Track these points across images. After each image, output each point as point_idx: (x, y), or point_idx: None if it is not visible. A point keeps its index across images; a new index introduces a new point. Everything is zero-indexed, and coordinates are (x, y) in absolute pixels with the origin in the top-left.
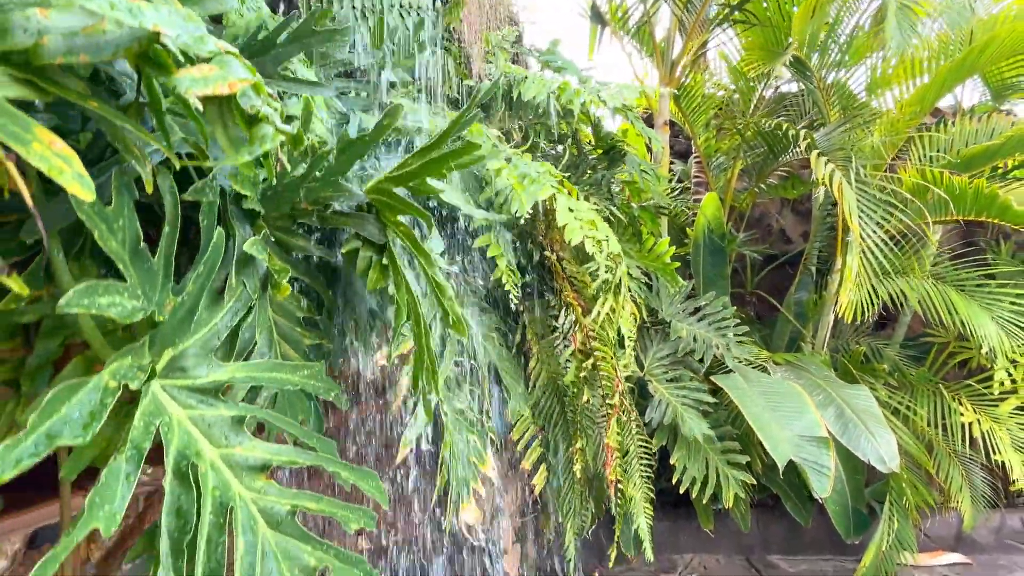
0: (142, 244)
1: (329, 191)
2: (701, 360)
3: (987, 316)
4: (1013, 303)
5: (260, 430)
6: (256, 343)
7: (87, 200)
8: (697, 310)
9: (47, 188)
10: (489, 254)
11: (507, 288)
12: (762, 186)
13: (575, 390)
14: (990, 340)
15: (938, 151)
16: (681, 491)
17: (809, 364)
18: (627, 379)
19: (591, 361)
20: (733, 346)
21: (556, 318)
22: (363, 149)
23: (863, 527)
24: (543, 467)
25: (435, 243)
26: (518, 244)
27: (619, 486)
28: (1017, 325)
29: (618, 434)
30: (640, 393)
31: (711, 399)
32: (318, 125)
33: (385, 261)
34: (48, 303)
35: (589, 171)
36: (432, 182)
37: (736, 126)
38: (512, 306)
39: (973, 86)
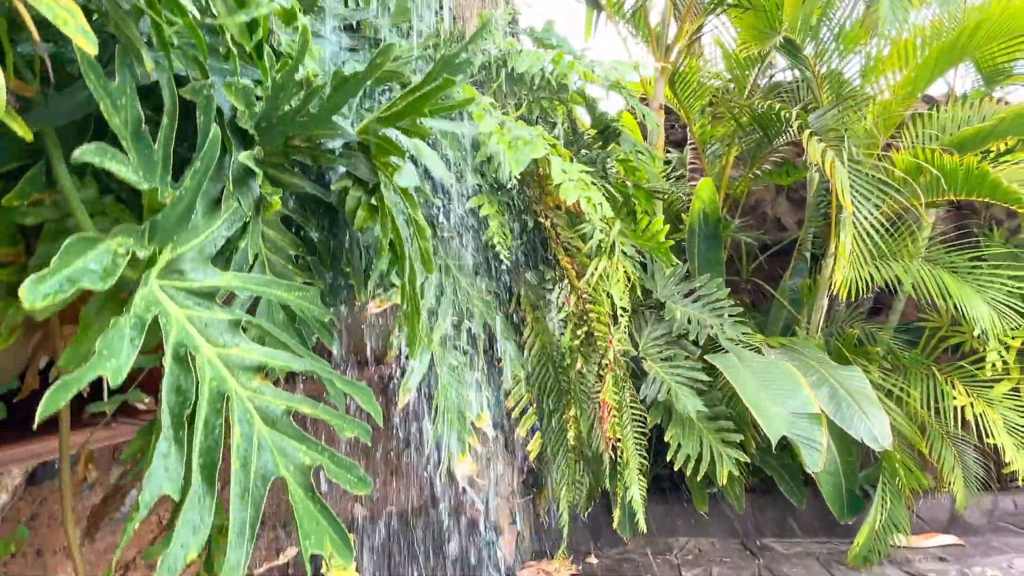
0: (143, 127)
1: (321, 128)
2: (696, 342)
3: (980, 298)
4: (1004, 285)
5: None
6: (252, 267)
7: (90, 52)
8: (692, 292)
9: (53, 83)
10: (481, 213)
11: (498, 249)
12: (757, 172)
13: (570, 360)
14: (983, 322)
15: (930, 137)
16: (676, 468)
17: (803, 347)
18: (623, 356)
19: (585, 328)
20: (727, 326)
21: (550, 291)
22: (356, 87)
23: (856, 508)
24: (537, 435)
25: (407, 177)
26: (511, 206)
27: (616, 444)
28: (1009, 306)
29: (614, 392)
30: (635, 372)
31: (705, 377)
32: (312, 64)
33: (374, 202)
34: (50, 207)
35: (584, 150)
36: (422, 122)
37: (731, 110)
38: (506, 278)
39: (966, 73)
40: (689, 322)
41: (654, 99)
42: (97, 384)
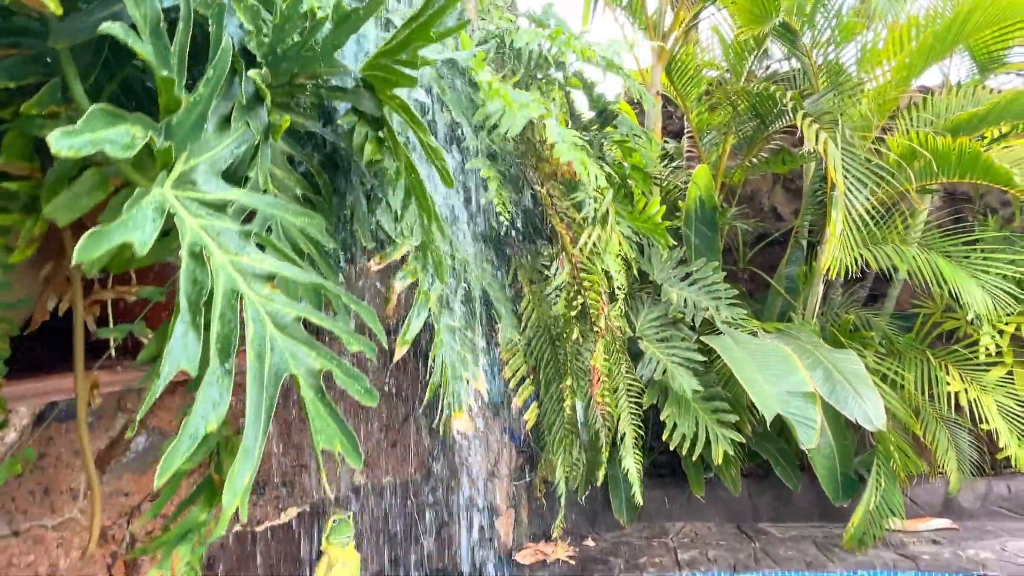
0: (162, 25)
1: (325, 66)
2: (692, 326)
3: (974, 282)
4: (999, 269)
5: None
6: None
7: None
8: (688, 275)
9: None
10: (482, 174)
11: (498, 209)
12: (753, 160)
13: (566, 332)
14: (976, 306)
15: (925, 123)
16: (672, 447)
17: (799, 332)
18: (620, 334)
19: (580, 300)
20: (723, 308)
21: (547, 267)
22: (358, 23)
23: (851, 491)
24: (534, 404)
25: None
26: (508, 175)
27: (606, 411)
28: (1003, 290)
29: (605, 358)
30: (632, 354)
31: (701, 357)
32: None
33: (382, 135)
34: (64, 121)
35: (581, 130)
36: (423, 53)
37: (728, 96)
38: (505, 252)
39: (961, 62)
40: (685, 304)
41: (651, 86)
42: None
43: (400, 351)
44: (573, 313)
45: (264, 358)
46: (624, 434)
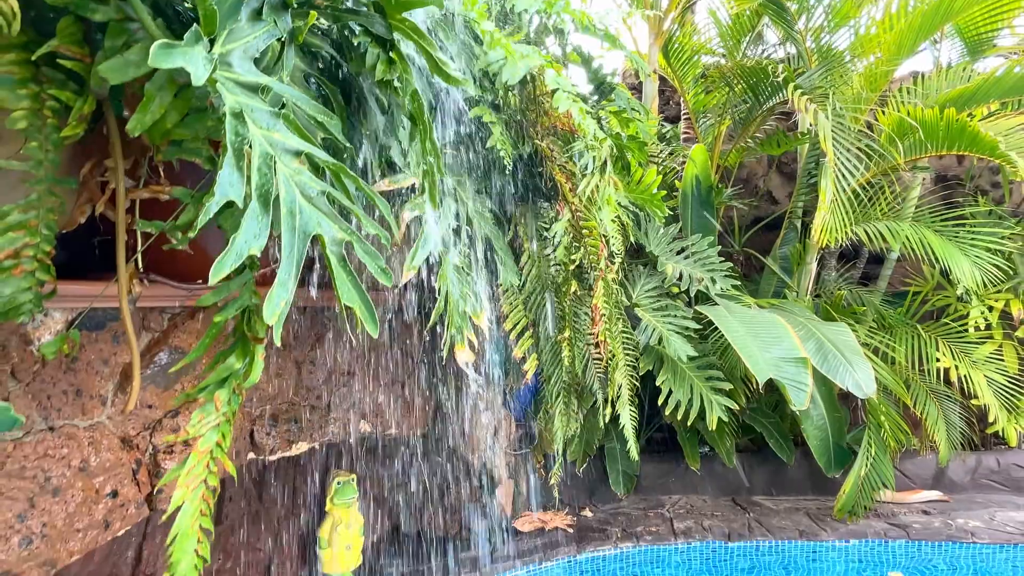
0: None
1: None
2: (688, 297)
3: (962, 256)
4: (986, 244)
5: None
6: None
7: None
8: (683, 250)
9: None
10: (484, 119)
11: (501, 155)
12: (749, 141)
13: (565, 286)
14: (965, 280)
15: (916, 102)
16: (667, 412)
17: (792, 307)
18: (616, 307)
19: (579, 253)
20: (718, 279)
21: (547, 228)
22: None
23: (843, 462)
24: (533, 355)
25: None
26: (510, 126)
27: (607, 347)
28: (990, 263)
29: (604, 300)
30: (630, 324)
31: (695, 325)
32: None
33: (392, 56)
34: (113, 8)
35: None
36: None
37: (723, 74)
38: (508, 209)
39: (952, 47)
40: (680, 277)
41: (648, 65)
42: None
43: (407, 275)
44: (572, 265)
45: (295, 216)
46: (620, 386)
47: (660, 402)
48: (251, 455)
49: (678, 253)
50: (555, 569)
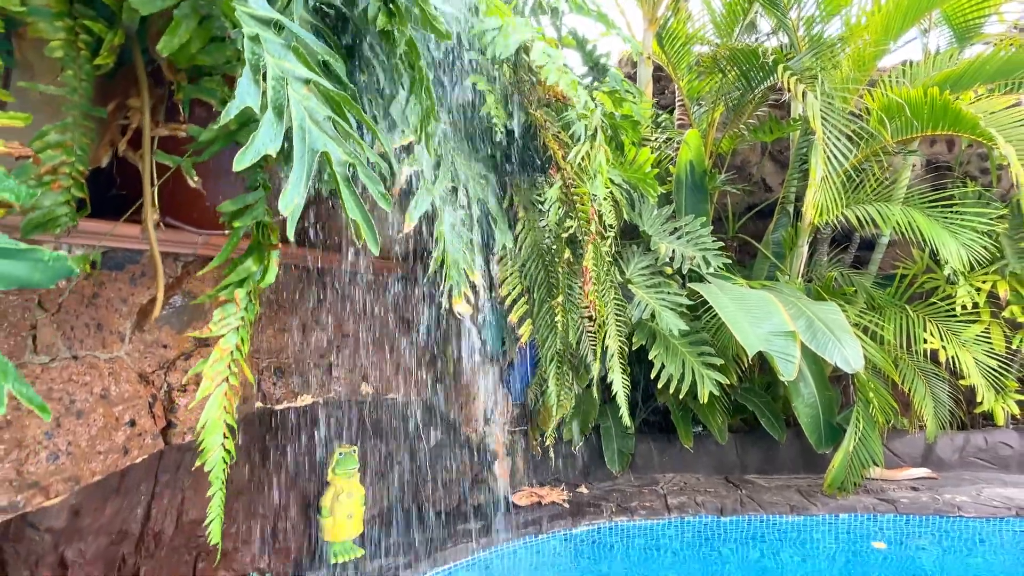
0: None
1: None
2: (681, 277)
3: (949, 236)
4: (970, 222)
5: None
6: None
7: None
8: (676, 230)
9: None
10: (478, 88)
11: (494, 121)
12: (742, 127)
13: (558, 255)
14: (952, 260)
15: (904, 83)
16: (659, 385)
17: (783, 288)
18: (607, 272)
19: (571, 221)
20: (710, 257)
21: (542, 201)
22: None
23: (833, 439)
24: (528, 321)
25: None
26: (506, 93)
27: (595, 307)
28: (975, 242)
29: (594, 263)
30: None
31: (687, 301)
32: None
33: (392, 7)
34: None
35: None
36: None
37: (716, 60)
38: (504, 179)
39: (940, 35)
40: (673, 256)
41: (641, 51)
42: None
43: (408, 225)
44: (565, 233)
45: (304, 134)
46: (612, 354)
47: (653, 376)
48: (259, 404)
49: (671, 233)
50: (551, 541)
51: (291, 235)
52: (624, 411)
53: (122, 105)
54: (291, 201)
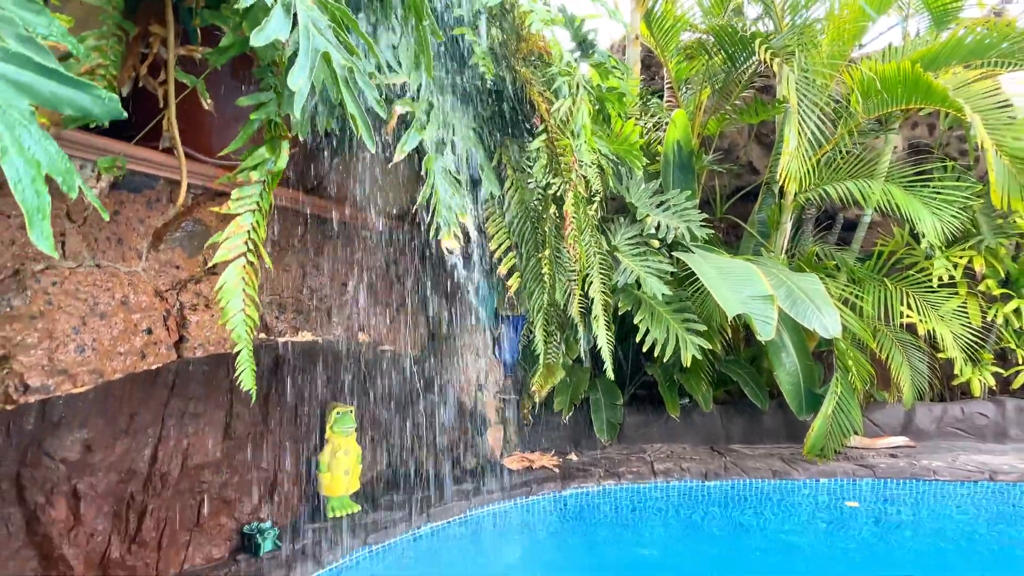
0: None
1: None
2: (665, 246)
3: (925, 209)
4: (944, 196)
5: None
6: None
7: None
8: (663, 203)
9: None
10: (468, 38)
11: (483, 70)
12: (728, 108)
13: (544, 213)
14: (928, 233)
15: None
16: (644, 349)
17: (766, 262)
18: (587, 217)
19: (557, 180)
20: (694, 228)
21: (530, 165)
22: None
23: (814, 406)
24: (516, 274)
25: None
26: (495, 54)
27: (576, 252)
28: (950, 215)
29: (574, 208)
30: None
31: (671, 268)
32: None
33: None
34: None
35: None
36: None
37: (702, 42)
38: (496, 137)
39: (920, 21)
40: (658, 227)
41: (630, 32)
42: None
43: (399, 156)
44: (551, 191)
45: (308, 37)
46: (596, 302)
47: (638, 339)
48: (263, 335)
49: (658, 206)
50: (541, 502)
51: (296, 112)
52: (608, 366)
53: (143, 34)
54: (296, 81)
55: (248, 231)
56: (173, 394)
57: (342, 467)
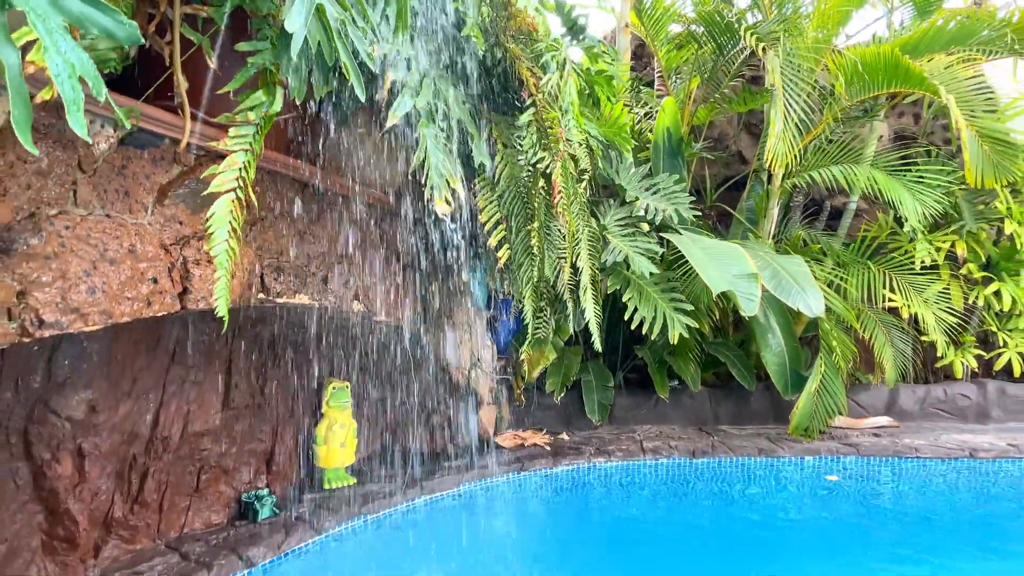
0: None
1: None
2: (653, 227)
3: (906, 191)
4: (925, 178)
5: None
6: None
7: None
8: (652, 186)
9: None
10: (458, 8)
11: (474, 40)
12: (717, 97)
13: (533, 189)
14: (908, 215)
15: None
16: (632, 327)
17: (753, 245)
18: (573, 185)
19: (546, 154)
20: (682, 210)
21: (521, 142)
22: None
23: (799, 386)
24: (506, 246)
25: None
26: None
27: (567, 220)
28: (933, 199)
29: (562, 177)
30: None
31: (659, 249)
32: None
33: None
34: None
35: None
36: None
37: (691, 31)
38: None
39: (905, 12)
40: (647, 210)
41: (620, 20)
42: None
43: (392, 120)
44: (542, 164)
45: None
46: (584, 273)
47: (626, 317)
48: (261, 295)
49: (647, 190)
50: (533, 477)
51: (295, 53)
52: (596, 338)
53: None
54: (293, 24)
55: (240, 168)
56: (174, 362)
57: (338, 440)
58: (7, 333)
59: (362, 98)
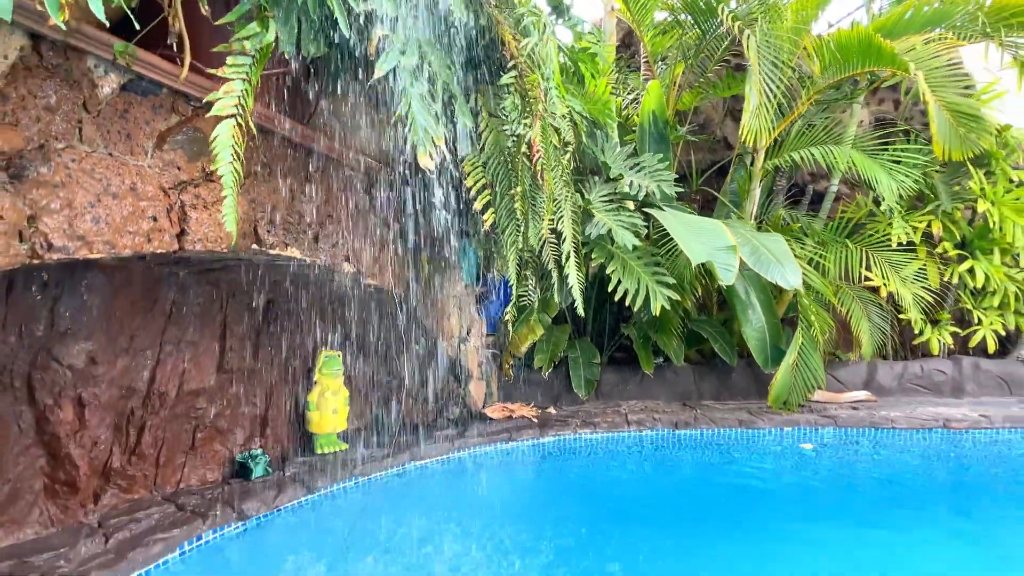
0: None
1: None
2: (637, 204)
3: (882, 170)
4: (899, 157)
5: None
6: None
7: None
8: (636, 164)
9: None
10: None
11: (458, 15)
12: (701, 81)
13: (517, 157)
14: (885, 193)
15: None
16: (615, 299)
17: (735, 224)
18: (554, 148)
19: (528, 121)
20: (665, 187)
21: (505, 111)
22: None
23: (779, 360)
24: (491, 210)
25: None
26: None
27: (543, 176)
28: (908, 178)
29: (541, 138)
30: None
31: (642, 223)
32: None
33: None
34: None
35: None
36: None
37: (674, 14)
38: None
39: (885, 2)
40: (631, 186)
41: (607, 3)
42: None
43: (378, 73)
44: (527, 131)
45: None
46: (568, 254)
47: (610, 289)
48: (255, 246)
49: (631, 168)
50: (521, 447)
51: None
52: (579, 303)
53: None
54: None
55: (238, 96)
56: (170, 322)
57: (330, 406)
58: (18, 254)
59: (346, 33)
